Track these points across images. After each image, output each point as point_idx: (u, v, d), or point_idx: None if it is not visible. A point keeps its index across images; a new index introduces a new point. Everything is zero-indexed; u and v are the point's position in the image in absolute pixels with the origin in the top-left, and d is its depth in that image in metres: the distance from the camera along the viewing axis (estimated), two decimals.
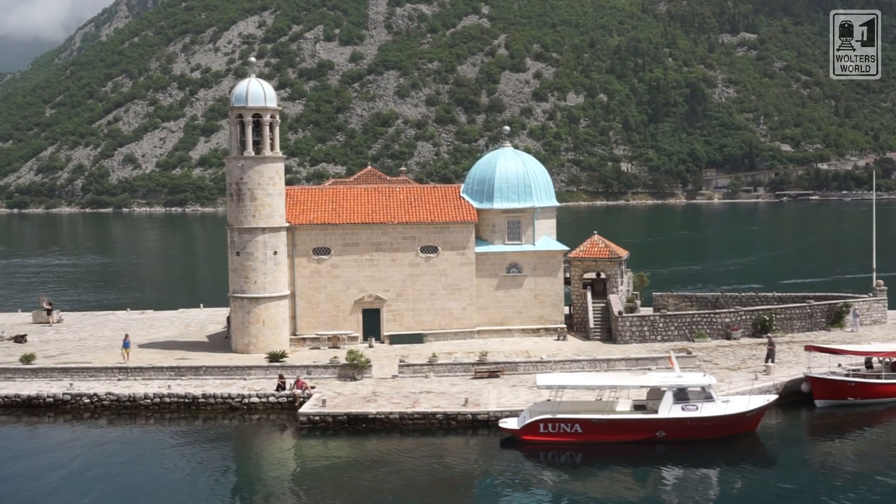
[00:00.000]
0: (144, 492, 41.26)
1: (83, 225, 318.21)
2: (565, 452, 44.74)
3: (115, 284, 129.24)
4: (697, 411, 44.52)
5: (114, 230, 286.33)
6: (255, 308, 62.91)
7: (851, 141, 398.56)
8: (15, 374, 56.49)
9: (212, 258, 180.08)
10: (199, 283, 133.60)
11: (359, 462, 44.25)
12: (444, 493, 40.94)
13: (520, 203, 67.18)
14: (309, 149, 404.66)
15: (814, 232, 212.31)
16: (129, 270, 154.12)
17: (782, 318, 65.85)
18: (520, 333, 67.06)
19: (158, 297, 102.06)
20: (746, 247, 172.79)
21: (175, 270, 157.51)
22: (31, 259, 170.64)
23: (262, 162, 63.12)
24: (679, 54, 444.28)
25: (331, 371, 55.84)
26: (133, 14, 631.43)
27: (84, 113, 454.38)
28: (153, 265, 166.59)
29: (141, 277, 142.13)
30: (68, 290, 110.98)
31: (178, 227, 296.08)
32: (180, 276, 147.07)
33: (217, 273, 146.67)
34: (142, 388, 53.95)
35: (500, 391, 51.88)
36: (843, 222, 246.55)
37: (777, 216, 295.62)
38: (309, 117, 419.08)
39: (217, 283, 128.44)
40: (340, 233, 65.42)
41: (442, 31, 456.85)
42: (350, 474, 42.64)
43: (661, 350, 60.69)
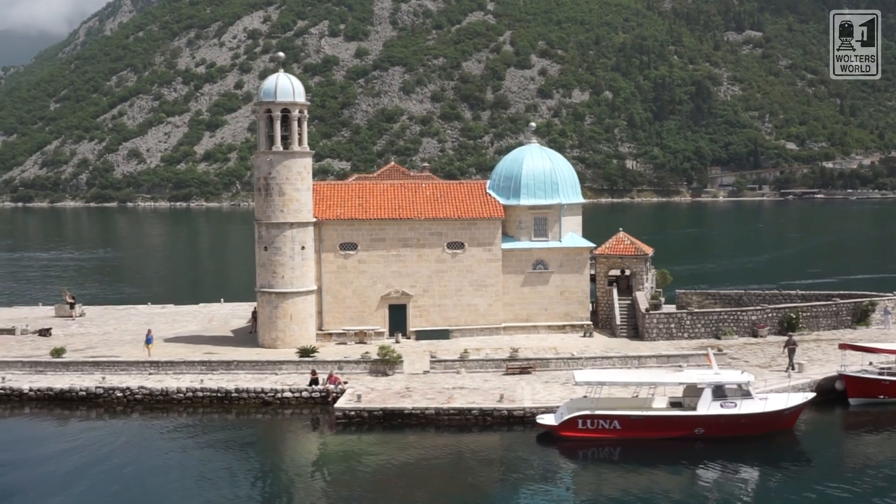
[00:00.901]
0: (183, 484, 41.33)
1: (89, 219, 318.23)
2: (603, 449, 44.75)
3: (129, 279, 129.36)
4: (736, 408, 44.55)
5: (120, 225, 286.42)
6: (283, 303, 62.92)
7: (856, 139, 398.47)
8: (46, 368, 56.54)
9: (223, 253, 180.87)
10: (213, 277, 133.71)
11: (396, 457, 44.27)
12: (483, 487, 40.98)
13: (546, 199, 67.18)
14: (314, 144, 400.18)
15: (823, 231, 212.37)
16: (140, 265, 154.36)
17: (808, 315, 65.84)
18: (545, 330, 67.09)
19: (174, 292, 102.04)
20: (757, 245, 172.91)
21: (186, 265, 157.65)
22: (43, 253, 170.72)
23: (291, 157, 63.12)
24: (684, 52, 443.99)
25: (362, 366, 55.85)
26: (137, 9, 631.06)
27: (89, 107, 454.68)
28: (164, 260, 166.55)
29: (153, 272, 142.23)
30: (84, 284, 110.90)
31: (184, 221, 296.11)
32: (193, 270, 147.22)
33: (230, 268, 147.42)
34: (174, 383, 53.97)
35: (534, 387, 51.90)
36: (852, 221, 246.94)
37: (783, 214, 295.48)
38: (314, 113, 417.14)
39: (232, 277, 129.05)
40: (367, 228, 65.44)
41: (447, 28, 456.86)
42: (387, 469, 42.71)
43: (688, 347, 60.75)
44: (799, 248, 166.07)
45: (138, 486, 41.18)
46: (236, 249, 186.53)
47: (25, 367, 56.59)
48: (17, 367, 56.77)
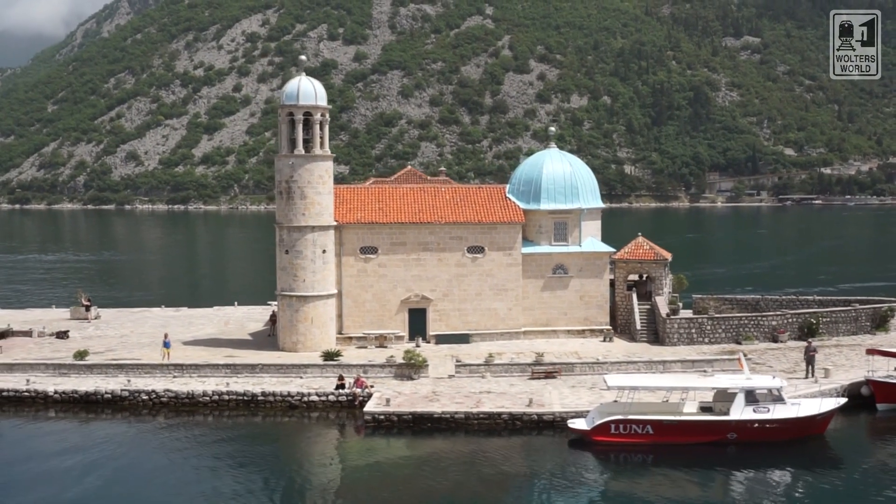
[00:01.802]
0: (215, 486, 41.34)
1: (87, 222, 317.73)
2: (636, 453, 44.78)
3: (135, 281, 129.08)
4: (769, 413, 44.61)
5: (119, 227, 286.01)
6: (304, 306, 62.80)
7: (854, 145, 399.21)
8: (70, 370, 56.43)
9: (226, 256, 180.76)
10: (218, 281, 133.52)
11: (427, 461, 44.26)
12: (516, 492, 41.13)
13: (566, 204, 67.21)
14: None
15: (826, 236, 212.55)
16: (145, 268, 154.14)
17: (828, 321, 65.97)
18: (565, 335, 67.07)
19: (182, 295, 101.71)
20: (762, 250, 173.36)
21: (191, 268, 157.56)
22: (47, 255, 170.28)
23: (313, 160, 63.03)
24: (683, 57, 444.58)
25: (387, 370, 55.84)
26: (134, 11, 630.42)
27: (86, 109, 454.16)
28: (168, 263, 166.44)
29: (158, 275, 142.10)
30: (90, 287, 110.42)
31: (183, 224, 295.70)
32: (197, 273, 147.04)
33: (235, 271, 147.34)
34: (199, 386, 53.87)
35: (561, 392, 51.92)
36: (854, 227, 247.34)
37: (782, 220, 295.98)
38: None
39: (237, 280, 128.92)
40: (388, 232, 65.38)
41: (446, 32, 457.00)
42: (418, 473, 42.72)
43: (710, 352, 60.88)
44: (805, 254, 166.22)
45: (169, 490, 41.14)
46: (238, 252, 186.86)
47: (49, 370, 56.46)
48: (41, 369, 56.63)
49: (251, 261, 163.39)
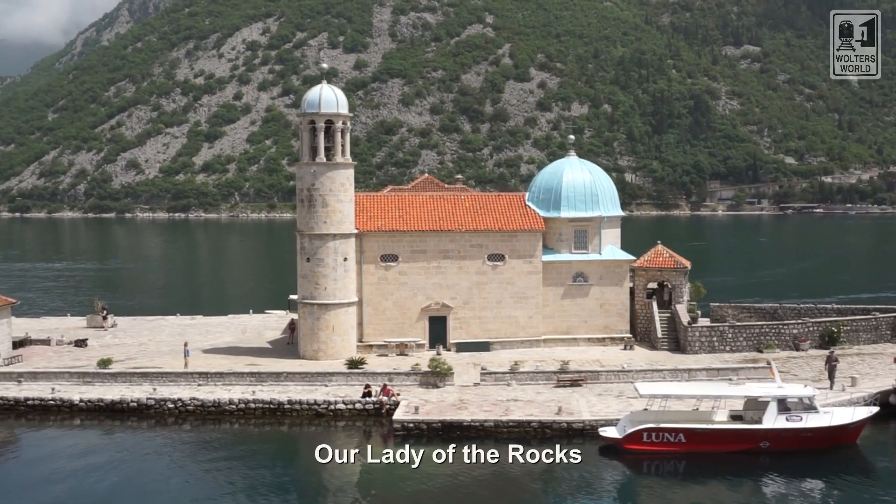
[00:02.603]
0: (251, 496, 41.24)
1: (89, 230, 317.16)
2: (668, 462, 44.73)
3: (146, 290, 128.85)
4: (802, 422, 44.55)
5: (121, 236, 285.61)
6: (325, 314, 62.75)
7: (855, 154, 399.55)
8: (94, 378, 56.33)
9: (231, 264, 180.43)
10: (228, 288, 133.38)
11: (457, 469, 44.07)
12: (549, 500, 40.98)
13: (587, 212, 67.27)
14: None
15: (830, 245, 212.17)
16: (152, 276, 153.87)
17: (848, 330, 65.91)
18: (585, 342, 67.09)
19: (193, 303, 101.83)
20: (768, 259, 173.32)
21: (198, 276, 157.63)
22: (55, 264, 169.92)
23: (334, 168, 63.07)
24: (683, 66, 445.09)
25: (412, 378, 55.76)
26: (135, 19, 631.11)
27: (87, 117, 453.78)
28: (175, 271, 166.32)
29: (167, 283, 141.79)
30: (103, 296, 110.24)
31: (185, 233, 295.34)
32: (206, 281, 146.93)
33: (243, 279, 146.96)
34: (225, 394, 53.79)
35: (589, 400, 51.84)
36: (857, 235, 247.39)
37: (783, 229, 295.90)
38: None
39: (246, 288, 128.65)
40: (408, 240, 65.38)
41: (446, 40, 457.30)
42: (450, 481, 42.64)
43: (732, 360, 60.82)
44: (815, 263, 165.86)
45: (200, 498, 41.09)
46: (242, 261, 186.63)
47: (73, 378, 56.40)
48: (65, 377, 56.56)
49: (255, 269, 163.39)
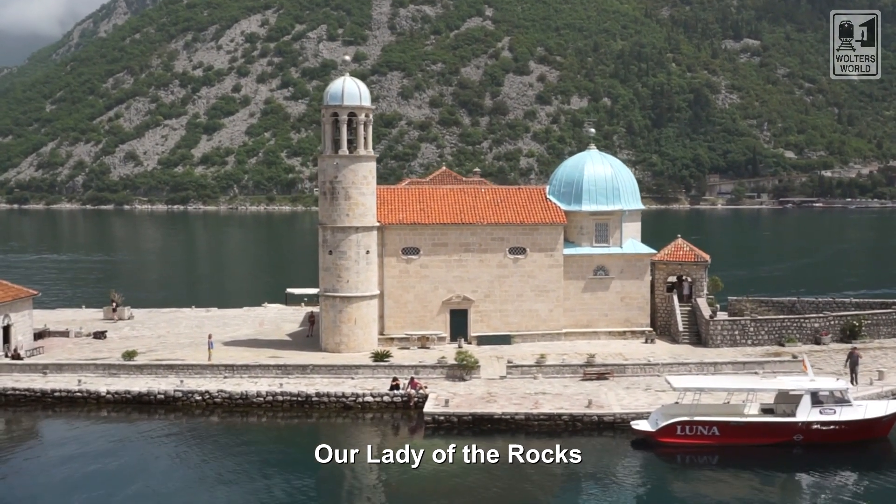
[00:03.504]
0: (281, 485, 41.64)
1: (89, 222, 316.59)
2: (702, 455, 44.81)
3: (153, 281, 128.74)
4: (836, 415, 44.63)
5: (123, 228, 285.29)
6: (348, 307, 62.75)
7: (855, 148, 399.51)
8: (119, 371, 56.26)
9: (234, 256, 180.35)
10: (230, 282, 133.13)
11: (490, 462, 44.02)
12: (584, 493, 41.13)
13: (608, 205, 67.32)
14: (312, 148, 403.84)
15: (833, 239, 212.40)
16: (158, 268, 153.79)
17: (869, 323, 66.05)
18: (606, 336, 67.15)
19: (202, 295, 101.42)
20: (774, 253, 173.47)
21: (204, 268, 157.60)
22: (60, 255, 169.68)
23: (357, 161, 63.03)
24: (682, 59, 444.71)
25: (438, 371, 55.77)
26: (132, 11, 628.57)
27: (85, 109, 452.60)
28: (180, 263, 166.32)
29: (174, 275, 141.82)
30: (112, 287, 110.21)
31: (185, 225, 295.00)
32: (210, 274, 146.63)
33: (247, 272, 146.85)
34: (252, 387, 53.78)
35: (617, 393, 51.91)
36: (860, 230, 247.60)
37: (784, 223, 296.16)
38: (312, 117, 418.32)
39: (250, 282, 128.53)
40: (430, 233, 65.33)
41: (446, 33, 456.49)
42: (484, 473, 42.65)
43: (754, 354, 60.94)
44: (821, 257, 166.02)
45: (234, 489, 41.42)
46: (244, 253, 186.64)
47: (99, 370, 56.33)
48: (91, 369, 56.49)
49: (254, 262, 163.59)
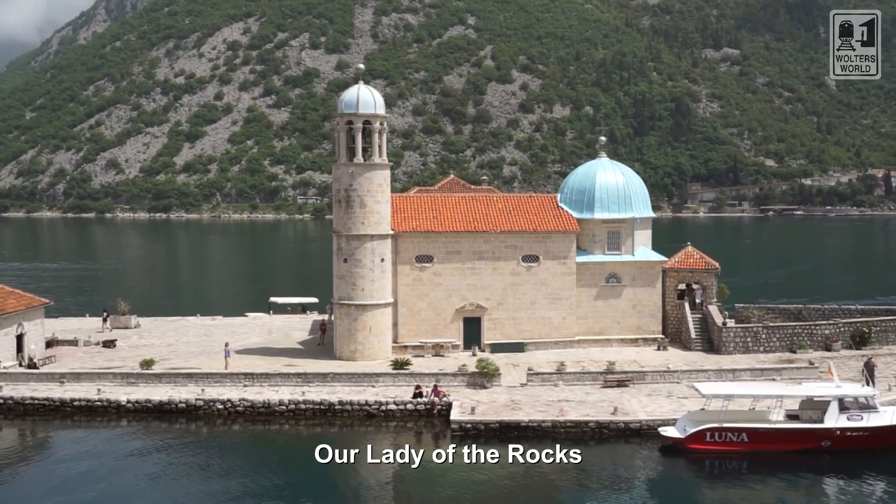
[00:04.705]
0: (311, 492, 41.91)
1: (71, 230, 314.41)
2: (731, 461, 45.08)
3: (147, 290, 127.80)
4: (863, 421, 45.02)
5: (107, 236, 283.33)
6: (363, 315, 62.69)
7: (834, 157, 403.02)
8: (138, 380, 55.95)
9: (221, 264, 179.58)
10: (220, 288, 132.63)
11: (520, 469, 44.20)
12: (618, 499, 41.28)
13: (620, 213, 67.61)
14: (295, 157, 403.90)
15: (814, 247, 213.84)
16: (149, 276, 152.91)
17: (878, 330, 66.61)
18: (618, 343, 67.40)
19: (198, 303, 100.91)
20: (761, 261, 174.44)
21: (188, 276, 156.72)
22: (53, 264, 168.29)
23: (372, 169, 63.13)
24: (663, 68, 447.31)
25: (459, 379, 55.80)
26: (112, 18, 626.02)
27: (65, 116, 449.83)
28: (171, 271, 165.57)
29: (166, 283, 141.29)
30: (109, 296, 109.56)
31: (168, 233, 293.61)
32: (197, 282, 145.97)
33: (236, 279, 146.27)
34: (274, 395, 53.62)
35: (640, 400, 52.11)
36: (838, 238, 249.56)
37: (765, 231, 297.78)
38: (295, 125, 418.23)
39: (240, 289, 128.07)
40: (443, 241, 65.41)
41: (428, 42, 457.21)
42: (514, 481, 43.04)
43: (767, 361, 61.27)
44: (809, 265, 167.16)
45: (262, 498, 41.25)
46: (228, 261, 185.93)
47: (117, 379, 55.99)
48: (109, 378, 56.16)
49: (241, 270, 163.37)
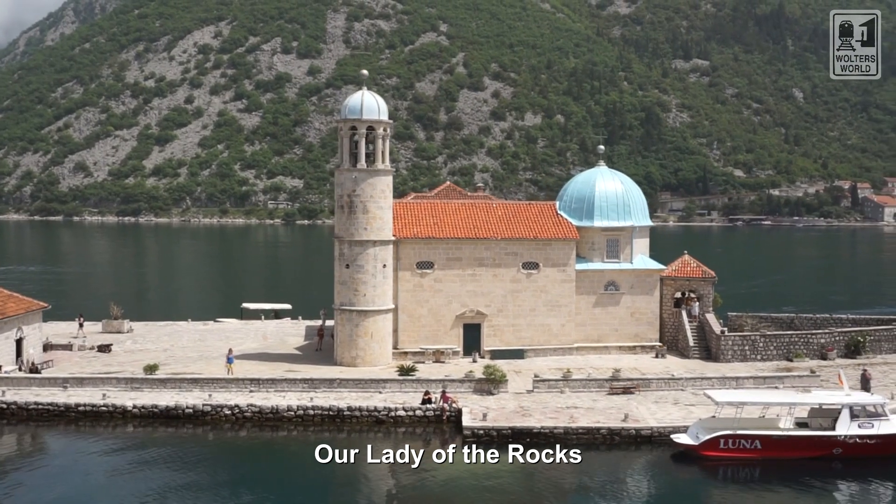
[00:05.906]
0: None
1: (39, 233, 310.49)
2: (744, 468, 45.51)
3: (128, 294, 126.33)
4: (874, 429, 45.63)
5: (76, 239, 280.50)
6: (364, 321, 62.64)
7: (801, 168, 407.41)
8: (142, 384, 55.51)
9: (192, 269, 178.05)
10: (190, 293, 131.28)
11: (533, 475, 44.42)
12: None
13: (619, 222, 68.10)
14: (266, 161, 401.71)
15: (786, 257, 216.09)
16: (126, 280, 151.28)
17: (871, 339, 67.54)
18: (616, 350, 67.85)
19: (179, 307, 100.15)
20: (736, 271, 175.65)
21: (157, 280, 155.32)
22: (29, 267, 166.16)
23: (375, 174, 63.06)
24: (634, 78, 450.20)
25: (466, 385, 55.88)
26: (80, 20, 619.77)
27: (33, 118, 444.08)
28: (146, 275, 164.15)
29: (144, 287, 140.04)
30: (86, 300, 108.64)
31: (137, 237, 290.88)
32: (166, 286, 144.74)
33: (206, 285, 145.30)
34: (281, 401, 53.44)
35: (648, 407, 52.47)
36: (807, 248, 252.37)
37: (735, 240, 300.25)
38: (266, 129, 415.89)
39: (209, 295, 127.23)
40: (444, 247, 65.51)
41: (400, 48, 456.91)
42: (527, 487, 43.30)
43: (765, 369, 61.92)
44: (788, 274, 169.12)
45: None
46: (198, 266, 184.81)
47: (121, 384, 55.52)
48: (112, 383, 55.66)
49: (211, 275, 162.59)
